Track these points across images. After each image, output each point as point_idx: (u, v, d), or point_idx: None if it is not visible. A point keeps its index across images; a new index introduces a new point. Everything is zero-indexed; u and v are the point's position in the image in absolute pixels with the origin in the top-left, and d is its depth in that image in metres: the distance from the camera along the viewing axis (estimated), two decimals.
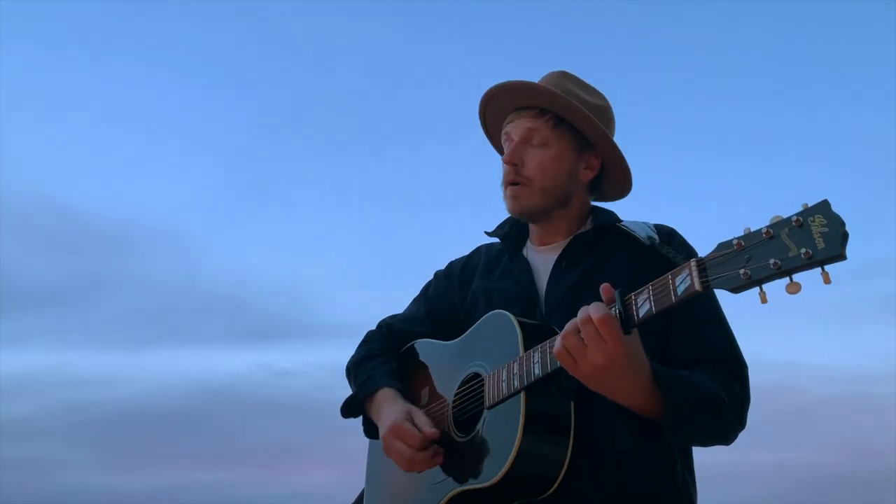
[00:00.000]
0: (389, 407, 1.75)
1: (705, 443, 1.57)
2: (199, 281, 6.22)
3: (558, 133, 1.76)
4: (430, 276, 2.11)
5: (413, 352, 1.96)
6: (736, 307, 1.71)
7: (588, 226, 1.83)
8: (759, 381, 1.65)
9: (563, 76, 1.85)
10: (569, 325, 1.31)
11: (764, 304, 1.07)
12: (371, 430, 1.89)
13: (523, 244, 1.91)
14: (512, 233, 1.91)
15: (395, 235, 6.12)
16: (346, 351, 2.06)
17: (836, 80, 5.55)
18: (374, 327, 2.09)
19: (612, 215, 1.84)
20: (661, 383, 1.37)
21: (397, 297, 2.14)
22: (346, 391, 1.98)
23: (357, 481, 2.05)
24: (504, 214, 1.90)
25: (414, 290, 2.13)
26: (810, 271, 1.03)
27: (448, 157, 6.10)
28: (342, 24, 5.91)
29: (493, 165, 1.95)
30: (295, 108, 6.17)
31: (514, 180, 1.77)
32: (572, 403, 1.50)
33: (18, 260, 5.85)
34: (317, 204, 6.35)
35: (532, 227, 1.90)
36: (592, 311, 1.28)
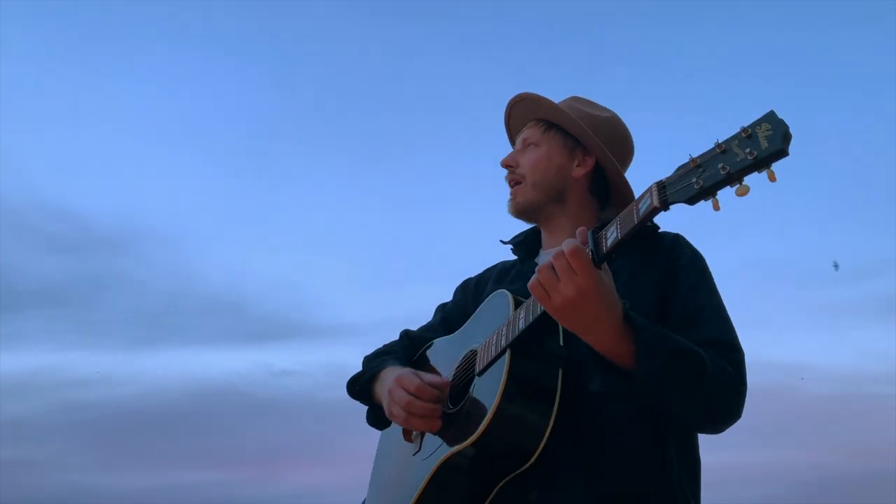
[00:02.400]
0: (397, 370, 1.80)
1: (683, 408, 1.50)
2: (198, 281, 6.23)
3: (548, 135, 1.90)
4: (430, 276, 2.19)
5: (424, 354, 2.02)
6: (736, 303, 1.71)
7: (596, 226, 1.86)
8: (759, 381, 1.64)
9: (572, 98, 1.98)
10: (544, 262, 1.37)
11: (717, 212, 1.14)
12: (376, 417, 1.93)
13: (536, 253, 1.96)
14: (525, 241, 1.98)
15: (395, 236, 6.13)
16: (346, 351, 2.08)
17: (836, 79, 5.55)
18: (373, 328, 2.20)
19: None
20: (633, 323, 1.39)
21: (397, 297, 2.16)
22: (345, 391, 2.00)
23: (357, 481, 2.06)
24: (501, 212, 1.96)
25: (414, 290, 2.17)
26: (759, 175, 1.10)
27: (449, 158, 6.11)
28: (342, 25, 5.91)
29: (493, 166, 1.99)
30: (295, 109, 6.18)
31: (511, 179, 1.90)
32: (560, 374, 1.49)
33: (18, 260, 5.85)
34: (317, 204, 6.36)
35: (542, 234, 1.95)
36: (564, 245, 1.34)
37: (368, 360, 2.02)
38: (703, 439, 1.67)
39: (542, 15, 5.80)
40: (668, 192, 1.19)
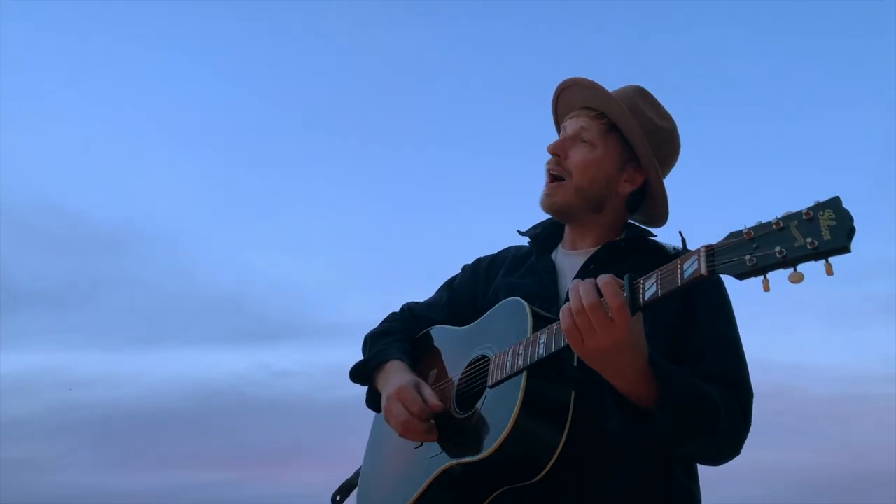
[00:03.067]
0: (399, 375, 1.78)
1: (693, 449, 1.56)
2: (198, 281, 6.22)
3: (607, 138, 1.78)
4: (430, 276, 2.16)
5: (428, 337, 1.99)
6: (737, 303, 1.71)
7: (622, 236, 1.84)
8: (759, 381, 1.65)
9: (637, 92, 1.85)
10: (578, 303, 1.33)
11: (766, 293, 1.10)
12: (374, 400, 1.92)
13: (553, 248, 1.92)
14: (543, 235, 1.93)
15: (395, 236, 6.13)
16: (346, 351, 2.07)
17: (835, 78, 5.55)
18: (391, 312, 2.11)
19: (644, 230, 1.86)
20: (656, 368, 1.39)
21: (397, 297, 2.14)
22: (345, 391, 2.01)
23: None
24: (502, 213, 1.93)
25: (414, 291, 2.15)
26: (815, 263, 1.05)
27: (449, 159, 6.11)
28: (343, 25, 5.91)
29: (494, 167, 1.96)
30: (295, 109, 6.18)
31: (555, 171, 1.80)
32: (573, 395, 1.50)
33: (18, 260, 5.85)
34: (317, 204, 6.36)
35: (566, 232, 1.91)
36: (608, 295, 1.31)
37: (371, 341, 1.99)
38: None
39: (547, 14, 5.81)
40: (717, 262, 1.15)
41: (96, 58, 5.89)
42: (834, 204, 1.05)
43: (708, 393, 1.47)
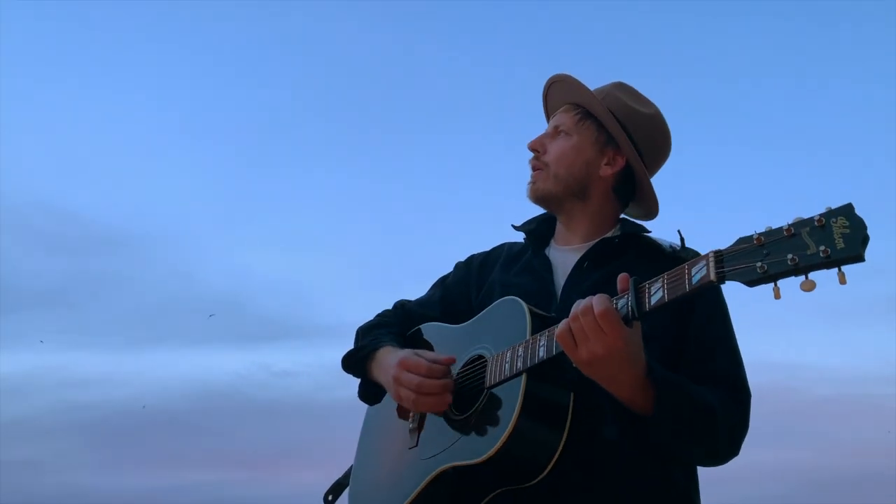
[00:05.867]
0: (396, 352, 1.76)
1: (691, 454, 1.56)
2: (198, 281, 6.23)
3: (582, 126, 1.81)
4: (430, 277, 2.13)
5: (420, 333, 1.97)
6: (737, 303, 1.71)
7: (616, 232, 1.83)
8: (759, 381, 1.64)
9: (615, 84, 1.87)
10: (575, 310, 1.34)
11: (777, 301, 1.08)
12: (367, 392, 1.91)
13: (547, 244, 1.91)
14: (537, 230, 1.92)
15: (395, 236, 6.13)
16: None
17: (835, 77, 5.55)
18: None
19: (638, 226, 1.84)
20: (654, 378, 1.39)
21: (397, 297, 2.13)
22: (345, 391, 2.00)
23: None
24: (502, 214, 1.92)
25: (414, 291, 2.13)
26: (827, 271, 1.04)
27: (449, 159, 6.11)
28: (341, 25, 5.91)
29: (493, 167, 1.96)
30: (294, 109, 6.18)
31: (534, 165, 1.83)
32: (572, 397, 1.50)
33: (18, 260, 5.85)
34: (316, 204, 6.37)
35: (557, 226, 1.90)
36: (596, 302, 1.32)
37: (363, 333, 1.97)
38: None
39: (547, 11, 5.80)
40: (727, 268, 1.14)
41: (96, 58, 5.90)
42: (846, 211, 1.04)
43: (706, 401, 1.47)
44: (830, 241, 1.03)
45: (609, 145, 1.79)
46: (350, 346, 2.01)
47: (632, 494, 1.54)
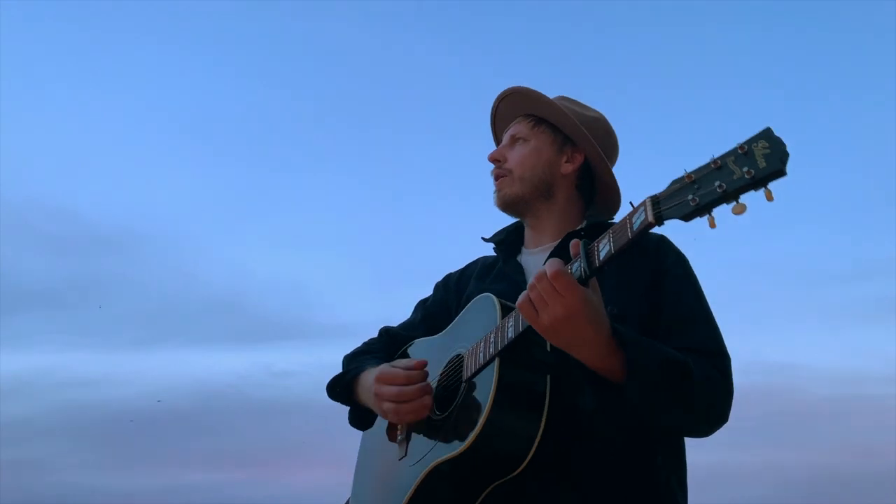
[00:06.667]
0: (374, 371, 1.77)
1: (674, 420, 1.53)
2: (198, 281, 6.23)
3: (537, 131, 1.89)
4: (428, 274, 2.19)
5: (406, 353, 1.99)
6: (737, 303, 1.71)
7: (581, 226, 1.86)
8: (759, 381, 1.65)
9: (560, 97, 1.95)
10: (532, 280, 1.37)
11: (713, 230, 1.13)
12: (357, 417, 1.93)
13: (518, 251, 1.94)
14: (507, 240, 1.96)
15: (395, 236, 6.13)
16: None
17: (835, 76, 5.55)
18: (373, 329, 2.13)
19: (603, 218, 1.88)
20: (620, 339, 1.40)
21: (397, 297, 2.16)
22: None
23: None
24: (505, 218, 1.96)
25: (414, 291, 2.16)
26: (755, 193, 1.08)
27: (449, 159, 6.11)
28: (340, 25, 5.91)
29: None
30: (294, 109, 6.18)
31: (497, 173, 1.90)
32: (548, 381, 1.49)
33: (18, 260, 5.85)
34: (316, 204, 6.37)
35: (526, 231, 1.94)
36: (548, 266, 1.34)
37: (348, 360, 2.01)
38: (701, 441, 1.68)
39: (540, 15, 5.81)
40: (663, 208, 1.18)
41: (96, 58, 5.90)
42: (766, 134, 1.08)
43: (678, 358, 1.46)
44: (753, 164, 1.07)
45: (566, 144, 1.88)
46: (352, 346, 2.05)
47: (617, 483, 1.53)
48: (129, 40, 5.88)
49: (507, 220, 2.01)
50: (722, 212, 1.12)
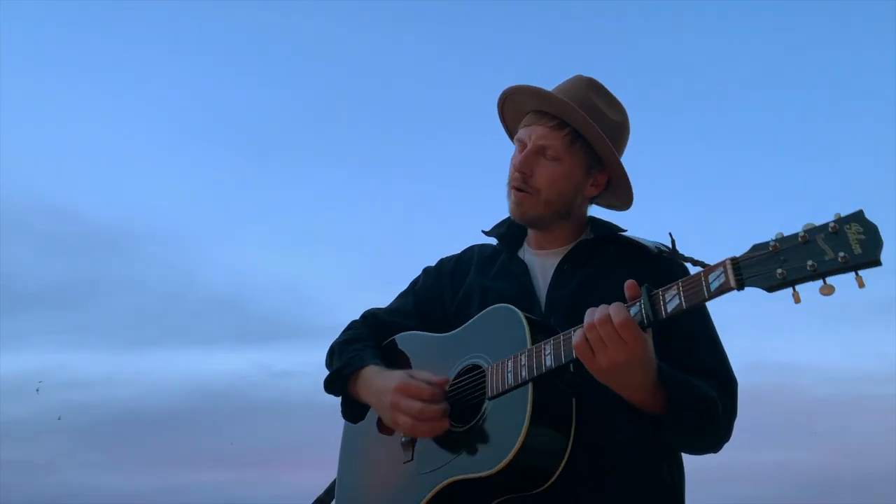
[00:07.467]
0: (384, 374, 1.72)
1: (694, 446, 1.61)
2: (198, 282, 6.23)
3: (573, 150, 1.75)
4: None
5: (396, 344, 1.93)
6: (737, 303, 1.71)
7: (589, 234, 1.85)
8: (759, 381, 1.69)
9: (590, 86, 1.81)
10: (590, 319, 1.35)
11: (797, 305, 1.12)
12: (350, 410, 1.88)
13: (519, 246, 1.91)
14: (508, 234, 1.91)
15: (395, 236, 6.13)
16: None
17: (831, 75, 5.56)
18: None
19: (612, 226, 1.86)
20: (665, 380, 1.43)
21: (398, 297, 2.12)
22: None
23: None
24: (502, 213, 1.92)
25: None
26: (844, 276, 1.08)
27: (449, 158, 6.11)
28: (340, 24, 5.91)
29: (491, 166, 1.95)
30: (294, 109, 6.18)
31: (521, 188, 1.77)
32: (574, 400, 1.52)
33: (18, 260, 5.85)
34: (317, 204, 6.37)
35: (530, 232, 1.91)
36: (613, 312, 1.33)
37: (339, 349, 1.90)
38: None
39: (544, 12, 5.81)
40: (746, 276, 1.17)
41: (96, 57, 5.90)
42: (859, 217, 1.08)
43: (709, 395, 1.51)
44: (847, 247, 1.07)
45: (595, 167, 1.79)
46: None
47: (628, 490, 1.57)
48: (128, 40, 5.88)
49: (505, 213, 1.91)
50: (807, 288, 1.11)
